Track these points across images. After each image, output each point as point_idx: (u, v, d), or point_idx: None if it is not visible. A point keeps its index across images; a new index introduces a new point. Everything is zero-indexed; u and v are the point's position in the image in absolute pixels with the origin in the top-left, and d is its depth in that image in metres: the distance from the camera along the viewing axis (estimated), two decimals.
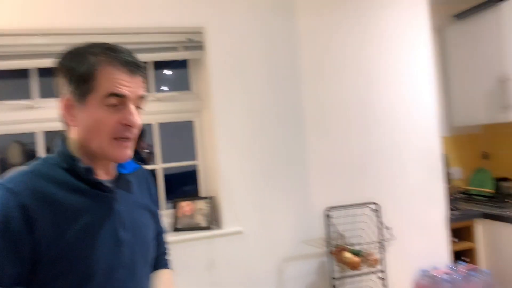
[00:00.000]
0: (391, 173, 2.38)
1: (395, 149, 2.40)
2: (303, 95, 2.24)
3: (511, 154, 3.10)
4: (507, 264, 2.49)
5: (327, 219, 2.14)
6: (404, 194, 2.39)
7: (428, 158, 2.47)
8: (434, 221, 2.46)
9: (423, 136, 2.46)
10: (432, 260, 2.42)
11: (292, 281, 2.18)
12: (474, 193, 3.03)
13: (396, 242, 2.31)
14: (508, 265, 2.48)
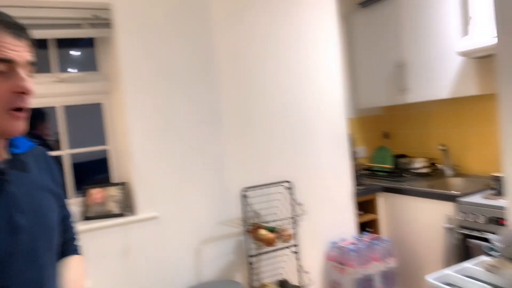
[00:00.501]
0: (303, 153, 2.50)
1: (306, 130, 2.51)
2: (219, 76, 2.24)
3: (408, 133, 3.43)
4: (404, 231, 2.78)
5: (243, 199, 2.19)
6: (315, 172, 2.53)
7: (336, 138, 2.63)
8: (342, 196, 2.64)
9: (331, 118, 2.61)
10: (341, 232, 2.61)
11: (210, 263, 2.20)
12: (376, 169, 3.31)
13: (308, 217, 2.44)
14: (404, 232, 2.77)
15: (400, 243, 2.79)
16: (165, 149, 2.10)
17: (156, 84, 2.08)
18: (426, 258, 2.61)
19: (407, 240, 2.75)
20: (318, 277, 2.52)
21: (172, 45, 2.12)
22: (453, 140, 3.04)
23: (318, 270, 2.52)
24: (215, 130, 2.23)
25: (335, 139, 2.63)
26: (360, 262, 2.38)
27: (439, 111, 3.12)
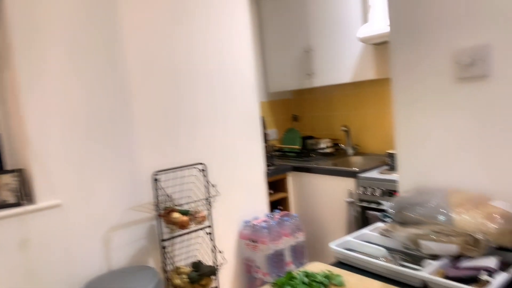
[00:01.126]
0: (217, 135, 2.51)
1: (219, 113, 2.52)
2: (126, 58, 2.13)
3: (314, 116, 3.62)
4: (311, 207, 2.95)
5: (155, 183, 2.14)
6: (229, 154, 2.56)
7: (249, 121, 2.68)
8: (254, 177, 2.72)
9: (244, 102, 2.65)
10: (253, 211, 2.69)
11: (120, 250, 2.12)
12: (286, 150, 3.46)
13: (221, 198, 2.47)
14: (312, 207, 2.95)
15: (308, 218, 2.97)
16: (68, 132, 1.95)
17: (57, 62, 1.91)
18: (330, 230, 2.81)
19: (314, 215, 2.94)
20: (232, 256, 2.57)
21: (75, 19, 1.95)
22: (354, 121, 3.28)
23: (232, 249, 2.58)
24: (124, 113, 2.13)
25: (248, 122, 2.68)
26: (271, 239, 2.48)
27: (342, 95, 3.35)
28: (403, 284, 0.99)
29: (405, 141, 1.37)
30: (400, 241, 1.13)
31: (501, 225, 1.00)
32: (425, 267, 1.01)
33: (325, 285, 0.98)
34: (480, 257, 1.00)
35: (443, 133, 1.26)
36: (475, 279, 0.92)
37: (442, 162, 1.27)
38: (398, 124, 1.38)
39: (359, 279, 1.02)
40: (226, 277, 2.53)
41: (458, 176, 1.23)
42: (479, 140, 1.17)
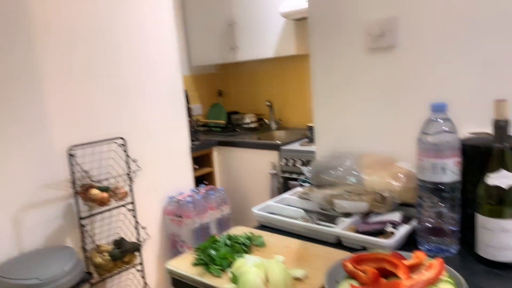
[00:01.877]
0: (138, 109, 2.41)
1: (140, 86, 2.42)
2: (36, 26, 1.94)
3: (239, 91, 3.64)
4: (236, 180, 3.00)
5: (70, 159, 2.01)
6: (151, 128, 2.48)
7: (172, 95, 2.61)
8: (179, 152, 2.67)
9: (166, 75, 2.57)
10: (178, 186, 2.66)
11: (34, 231, 1.98)
12: (211, 125, 3.45)
13: (144, 174, 2.40)
14: (237, 181, 2.99)
15: (234, 191, 3.02)
16: None
17: None
18: (255, 201, 2.88)
19: (239, 187, 2.99)
20: (156, 232, 2.53)
21: None
22: (277, 97, 3.36)
23: (156, 225, 2.54)
24: (32, 84, 1.95)
25: (171, 96, 2.61)
26: (196, 213, 2.48)
27: (266, 70, 3.39)
28: (319, 241, 1.05)
29: (322, 111, 1.43)
30: (316, 202, 1.20)
31: (404, 183, 1.10)
32: (338, 224, 1.08)
33: (247, 245, 1.01)
34: (386, 213, 1.09)
35: (356, 102, 1.33)
36: (382, 232, 1.01)
37: (355, 129, 1.35)
38: (316, 95, 1.44)
39: (279, 238, 1.07)
40: (150, 253, 2.49)
41: (369, 141, 1.32)
42: (387, 108, 1.27)
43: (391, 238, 0.96)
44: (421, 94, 1.18)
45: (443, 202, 0.92)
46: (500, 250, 0.86)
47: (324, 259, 0.92)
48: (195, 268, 0.93)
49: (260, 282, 0.81)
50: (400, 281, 0.68)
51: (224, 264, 0.91)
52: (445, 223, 0.93)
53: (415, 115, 1.18)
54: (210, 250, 0.95)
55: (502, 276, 0.84)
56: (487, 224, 0.86)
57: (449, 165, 0.89)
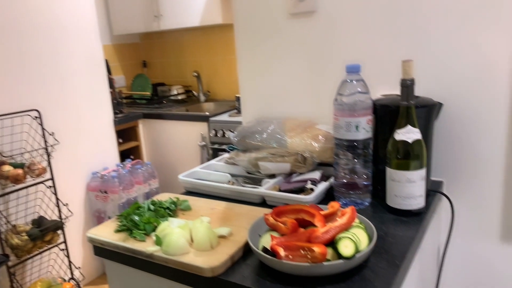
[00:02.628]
0: (54, 80, 2.24)
1: (55, 56, 2.24)
2: None
3: (165, 62, 3.52)
4: (164, 153, 2.94)
5: None
6: (70, 100, 2.32)
7: (91, 65, 2.45)
8: (101, 125, 2.54)
9: (84, 44, 2.40)
10: (102, 161, 2.54)
11: None
12: (136, 97, 3.31)
13: (65, 149, 2.26)
14: (165, 154, 2.94)
15: (162, 165, 2.96)
16: None
17: None
18: None
19: (168, 161, 2.94)
20: (80, 209, 2.42)
21: None
22: (205, 68, 3.31)
23: (79, 202, 2.42)
24: None
25: (91, 66, 2.45)
26: (123, 188, 2.40)
27: (192, 40, 3.31)
28: (245, 202, 1.08)
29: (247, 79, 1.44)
30: (242, 166, 1.22)
31: (323, 144, 1.16)
32: (263, 185, 1.11)
33: (172, 210, 1.00)
34: (307, 172, 1.14)
35: (279, 69, 1.36)
36: (303, 189, 1.06)
37: (278, 95, 1.38)
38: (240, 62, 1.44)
39: (205, 202, 1.08)
40: (74, 231, 2.38)
41: (292, 106, 1.36)
42: (308, 72, 1.31)
43: (311, 194, 1.01)
44: (339, 58, 1.23)
45: (357, 159, 0.98)
46: (406, 199, 0.94)
47: (248, 217, 0.95)
48: (117, 235, 0.91)
49: (185, 242, 0.81)
50: (316, 228, 0.73)
51: (148, 229, 0.89)
52: (359, 178, 1.00)
53: (334, 79, 1.23)
54: (133, 216, 0.93)
55: (407, 222, 0.93)
56: (395, 176, 0.94)
57: (362, 123, 0.95)
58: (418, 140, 0.92)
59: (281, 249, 0.69)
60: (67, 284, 2.12)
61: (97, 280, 2.52)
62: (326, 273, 0.71)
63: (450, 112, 1.11)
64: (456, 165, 1.15)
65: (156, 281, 0.87)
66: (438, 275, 1.19)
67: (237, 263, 0.80)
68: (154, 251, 0.82)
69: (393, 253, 0.80)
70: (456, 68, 1.09)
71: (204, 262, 0.76)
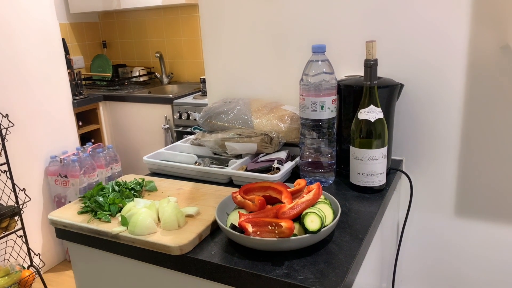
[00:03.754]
0: (6, 57, 2.11)
1: (8, 32, 2.11)
2: None
3: (126, 43, 3.41)
4: (127, 136, 2.87)
5: None
6: (21, 80, 2.20)
7: (48, 45, 2.33)
8: (59, 107, 2.44)
9: (41, 22, 2.27)
10: (61, 145, 2.45)
11: None
12: (96, 78, 3.20)
13: (20, 131, 2.16)
14: (128, 137, 2.87)
15: (125, 148, 2.89)
16: None
17: None
18: None
19: (131, 144, 2.87)
20: (38, 194, 2.33)
21: None
22: (168, 49, 3.24)
23: (38, 187, 2.33)
24: None
25: (47, 45, 2.33)
26: (84, 172, 2.33)
27: (154, 20, 3.22)
28: (212, 182, 1.08)
29: (212, 59, 1.42)
30: (209, 147, 1.21)
31: (289, 125, 1.17)
32: (230, 166, 1.11)
33: (137, 191, 0.98)
34: (274, 152, 1.15)
35: (244, 49, 1.35)
36: (269, 169, 1.07)
37: (244, 75, 1.38)
38: (205, 43, 1.42)
39: (171, 183, 1.07)
40: (33, 217, 2.30)
41: (257, 87, 1.36)
42: (273, 54, 1.31)
43: (277, 173, 1.02)
44: (304, 39, 1.24)
45: (322, 138, 1.00)
46: (368, 176, 0.97)
47: (216, 197, 0.95)
48: (81, 216, 0.88)
49: (152, 222, 0.81)
50: (284, 204, 0.74)
51: (113, 210, 0.88)
52: (324, 158, 1.02)
53: (299, 60, 1.24)
54: (97, 197, 0.91)
55: (369, 198, 0.97)
56: (358, 154, 0.97)
57: (327, 103, 0.97)
58: (380, 119, 0.95)
59: (249, 225, 0.70)
60: (26, 271, 2.05)
61: (58, 267, 2.46)
62: (293, 247, 0.73)
63: (410, 93, 1.15)
64: (415, 144, 1.20)
65: (122, 262, 0.86)
66: (398, 248, 1.25)
67: (205, 241, 0.81)
68: (120, 231, 0.81)
69: (356, 227, 0.83)
70: (417, 50, 1.12)
71: (171, 240, 0.76)
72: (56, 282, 2.29)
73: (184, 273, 0.78)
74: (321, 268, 0.70)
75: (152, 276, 0.84)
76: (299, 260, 0.72)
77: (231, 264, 0.72)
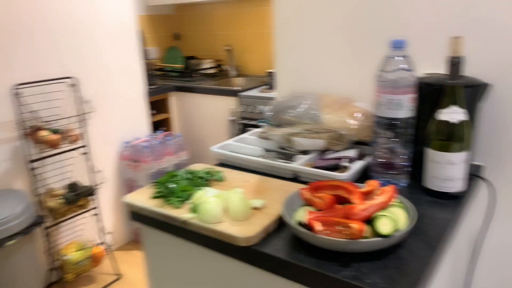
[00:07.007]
0: (88, 48, 2.27)
1: (90, 24, 2.26)
2: None
3: (197, 35, 3.51)
4: (194, 126, 2.97)
5: (16, 99, 1.89)
6: (102, 69, 2.35)
7: (124, 35, 2.47)
8: (134, 96, 2.58)
9: (118, 12, 2.41)
10: (134, 132, 2.59)
11: None
12: (168, 69, 3.33)
13: (98, 117, 2.31)
14: (195, 127, 2.96)
15: (192, 137, 2.99)
16: None
17: None
18: None
19: (197, 133, 2.96)
20: (112, 177, 2.49)
21: None
22: (237, 42, 3.28)
23: (111, 170, 2.49)
24: None
25: (124, 35, 2.47)
26: (154, 158, 2.45)
27: (225, 13, 3.27)
28: (277, 177, 1.07)
29: (283, 52, 1.41)
30: (275, 141, 1.21)
31: (361, 122, 1.13)
32: (296, 161, 1.10)
33: (207, 179, 1.01)
34: (343, 150, 1.12)
35: (318, 43, 1.32)
36: (337, 167, 1.05)
37: (315, 69, 1.35)
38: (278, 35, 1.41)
39: (238, 174, 1.08)
40: (105, 198, 2.46)
41: (328, 82, 1.33)
42: (348, 49, 1.27)
43: (347, 172, 0.99)
44: (382, 34, 1.19)
45: (396, 138, 0.95)
46: (445, 181, 0.91)
47: (281, 191, 0.94)
48: (153, 201, 0.92)
49: (220, 211, 0.82)
50: (354, 205, 0.72)
51: (184, 196, 0.91)
52: (397, 158, 0.97)
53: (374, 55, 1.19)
54: (169, 183, 0.95)
55: (444, 204, 0.91)
56: (436, 157, 0.91)
57: (404, 101, 0.92)
58: (463, 121, 0.89)
59: (318, 224, 0.69)
60: (98, 248, 2.20)
61: (126, 246, 2.61)
62: (362, 249, 0.70)
63: (497, 95, 1.06)
64: (500, 150, 1.10)
65: (189, 247, 0.89)
66: (472, 262, 1.17)
67: (270, 235, 0.80)
68: (189, 218, 0.83)
69: (429, 234, 0.79)
70: (507, 48, 1.03)
71: (239, 231, 0.77)
72: (123, 259, 2.44)
73: (249, 264, 0.79)
74: (391, 274, 0.67)
75: (217, 263, 0.86)
76: (367, 263, 0.70)
77: (297, 261, 0.71)
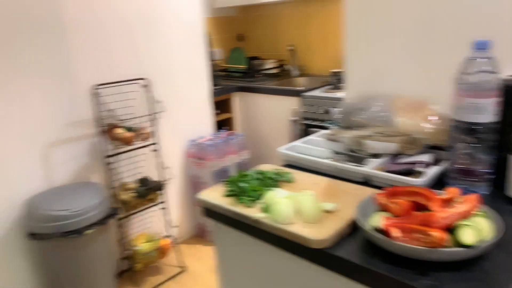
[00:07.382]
0: (159, 50, 2.38)
1: (160, 27, 2.37)
2: None
3: (260, 36, 3.55)
4: (256, 126, 3.01)
5: (95, 98, 2.03)
6: (172, 70, 2.46)
7: (192, 37, 2.56)
8: (200, 96, 2.67)
9: (187, 16, 2.51)
10: (199, 130, 2.68)
11: (61, 166, 2.05)
12: (232, 70, 3.40)
13: (167, 116, 2.43)
14: (257, 127, 3.00)
15: (253, 137, 3.04)
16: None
17: None
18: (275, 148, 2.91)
19: (259, 133, 3.00)
20: (178, 173, 2.60)
21: None
22: (300, 41, 3.27)
23: (178, 166, 2.60)
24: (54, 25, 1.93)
25: (192, 38, 2.56)
26: (217, 156, 2.52)
27: (288, 13, 3.28)
28: (346, 180, 1.06)
29: (354, 52, 1.39)
30: (344, 143, 1.20)
31: (436, 126, 1.09)
32: (367, 164, 1.09)
33: (276, 180, 1.02)
34: (416, 155, 1.09)
35: (391, 42, 1.29)
36: (411, 172, 1.01)
37: (387, 71, 1.32)
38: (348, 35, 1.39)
39: (307, 176, 1.08)
40: (172, 193, 2.57)
41: (401, 84, 1.29)
42: (423, 50, 1.22)
43: (422, 177, 0.96)
44: (462, 34, 1.13)
45: (477, 143, 0.91)
46: None
47: (353, 195, 0.93)
48: (226, 199, 0.96)
49: (292, 212, 0.83)
50: (434, 213, 0.69)
51: (255, 196, 0.93)
52: (477, 165, 0.92)
53: (451, 56, 1.14)
54: (241, 182, 0.97)
55: None
56: None
57: (487, 105, 0.87)
58: None
59: (395, 230, 0.68)
60: (165, 240, 2.31)
61: (191, 240, 2.71)
62: (443, 259, 0.68)
63: None
64: None
65: (260, 246, 0.91)
66: None
67: (343, 239, 0.80)
68: (262, 217, 0.85)
69: None
70: None
71: (312, 233, 0.78)
72: (188, 253, 2.54)
73: (321, 267, 0.79)
74: (474, 286, 0.64)
75: (287, 263, 0.87)
76: (447, 274, 0.67)
77: (373, 266, 0.70)
